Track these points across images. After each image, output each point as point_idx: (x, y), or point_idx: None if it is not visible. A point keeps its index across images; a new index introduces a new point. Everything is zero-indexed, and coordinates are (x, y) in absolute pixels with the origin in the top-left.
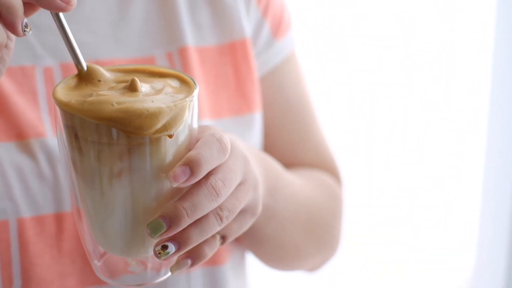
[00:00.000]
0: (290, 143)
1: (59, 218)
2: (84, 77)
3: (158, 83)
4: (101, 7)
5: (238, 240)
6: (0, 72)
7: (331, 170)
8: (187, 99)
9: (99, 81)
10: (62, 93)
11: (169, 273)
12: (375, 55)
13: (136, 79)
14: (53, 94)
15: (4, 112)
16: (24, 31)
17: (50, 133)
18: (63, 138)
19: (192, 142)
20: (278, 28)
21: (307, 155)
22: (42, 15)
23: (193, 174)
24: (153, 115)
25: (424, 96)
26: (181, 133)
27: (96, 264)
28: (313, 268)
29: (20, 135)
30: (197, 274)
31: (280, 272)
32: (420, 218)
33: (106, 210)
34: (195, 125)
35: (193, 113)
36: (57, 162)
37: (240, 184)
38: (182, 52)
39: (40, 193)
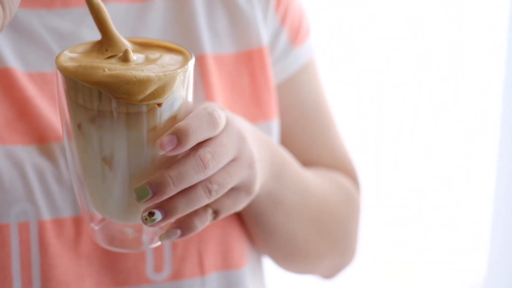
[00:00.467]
0: (307, 147)
1: (77, 221)
2: (94, 45)
3: (155, 54)
4: (121, 15)
5: (253, 243)
6: (11, 12)
7: (349, 174)
8: (178, 70)
9: (107, 50)
10: (65, 58)
11: (159, 242)
12: (384, 55)
13: (129, 49)
14: (56, 58)
15: (26, 116)
16: None
17: None
18: (64, 104)
19: (184, 115)
20: (296, 36)
21: (324, 159)
22: (64, 22)
23: (180, 143)
24: (141, 82)
25: (434, 95)
26: (173, 104)
27: (94, 227)
28: (328, 274)
29: (42, 139)
30: (212, 278)
31: (295, 275)
32: (430, 218)
33: (101, 176)
34: (190, 98)
35: (188, 86)
36: None
37: (233, 160)
38: (200, 60)
39: (60, 196)
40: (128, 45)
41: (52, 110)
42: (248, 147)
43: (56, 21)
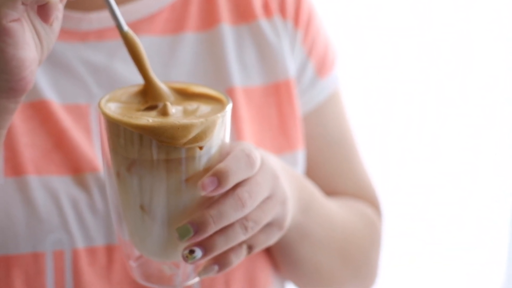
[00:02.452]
0: (330, 175)
1: (109, 250)
2: (134, 94)
3: (192, 105)
4: (153, 49)
5: (277, 269)
6: (48, 48)
7: (371, 202)
8: (219, 114)
9: (147, 102)
10: (107, 105)
11: (197, 278)
12: (392, 52)
13: (168, 104)
14: (99, 104)
15: (62, 147)
16: None
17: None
18: (106, 149)
19: (223, 156)
20: (322, 67)
21: (347, 187)
22: (99, 55)
23: (220, 184)
24: (184, 127)
25: (444, 91)
26: (212, 146)
27: (132, 265)
28: None
29: (76, 169)
30: None
31: None
32: (440, 215)
33: (140, 219)
34: (227, 139)
35: (226, 129)
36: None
37: (267, 198)
38: (230, 93)
39: (93, 225)
40: (167, 91)
41: (87, 142)
42: (281, 185)
43: (90, 54)
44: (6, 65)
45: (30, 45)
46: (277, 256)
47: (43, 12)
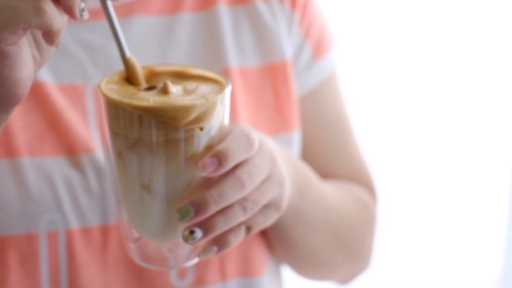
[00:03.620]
0: (327, 158)
1: (104, 230)
2: (128, 70)
3: (191, 85)
4: (149, 30)
5: (272, 251)
6: (48, 58)
7: (366, 185)
8: (219, 96)
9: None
10: (106, 87)
11: (197, 258)
12: (399, 53)
13: (168, 82)
14: (99, 86)
15: (57, 128)
16: (81, 15)
17: (99, 149)
18: (105, 130)
19: (222, 137)
20: (318, 49)
21: (343, 170)
22: (95, 35)
23: (221, 165)
24: (185, 108)
25: (450, 94)
26: (212, 127)
27: (131, 246)
28: (344, 280)
29: (71, 150)
30: (233, 285)
31: (312, 282)
32: (443, 216)
33: (140, 200)
34: (227, 121)
35: (225, 110)
36: (104, 176)
37: (265, 180)
38: (226, 73)
39: (88, 205)
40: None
41: (82, 123)
42: (278, 167)
43: (86, 34)
44: (0, 84)
45: (27, 63)
46: (272, 238)
47: (47, 37)
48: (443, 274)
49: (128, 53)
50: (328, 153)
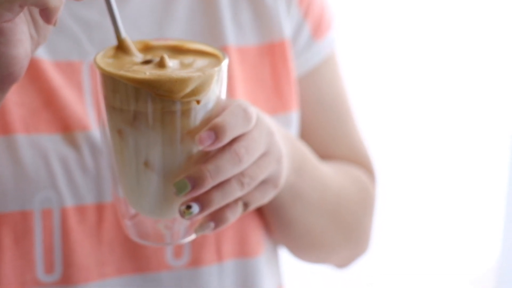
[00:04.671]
0: (325, 140)
1: (99, 208)
2: (122, 50)
3: (188, 59)
4: (146, 6)
5: (269, 231)
6: (45, 37)
7: (365, 167)
8: (216, 68)
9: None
10: (102, 61)
11: (193, 235)
12: (404, 52)
13: (165, 56)
14: (95, 59)
15: (52, 105)
16: None
17: (95, 127)
18: (103, 106)
19: (219, 111)
20: (317, 29)
21: (341, 152)
22: (92, 12)
23: (218, 138)
24: (182, 80)
25: (450, 93)
26: (209, 101)
27: (127, 223)
28: (342, 264)
29: (66, 128)
30: (229, 264)
31: (310, 265)
32: (443, 215)
33: (138, 172)
34: (223, 96)
35: (222, 84)
36: (100, 154)
37: (263, 155)
38: (224, 51)
39: (83, 183)
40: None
41: (78, 100)
42: (276, 143)
43: (83, 11)
44: None
45: (23, 41)
46: (269, 217)
47: (44, 14)
48: (441, 262)
49: (123, 33)
50: (327, 134)
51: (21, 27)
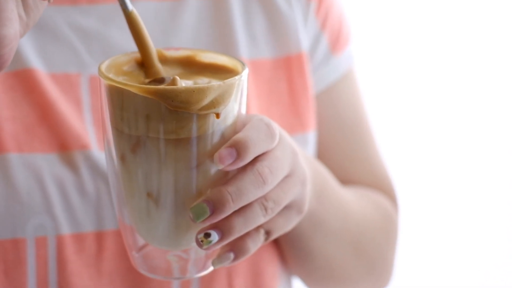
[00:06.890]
0: (344, 162)
1: (99, 237)
2: (137, 65)
3: (202, 79)
4: (152, 15)
5: (285, 263)
6: (35, 19)
7: (387, 192)
8: (236, 77)
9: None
10: (109, 72)
11: (211, 267)
12: (413, 54)
13: (177, 78)
14: (99, 70)
15: (48, 121)
16: None
17: (95, 145)
18: (106, 126)
19: (239, 127)
20: (336, 42)
21: (362, 176)
22: (90, 20)
23: (240, 156)
24: (200, 90)
25: (457, 95)
26: (229, 115)
27: (134, 255)
28: None
29: (63, 147)
30: None
31: None
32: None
33: (149, 196)
34: (243, 110)
35: (242, 97)
36: (101, 176)
37: (287, 176)
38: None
39: (81, 209)
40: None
41: (76, 115)
42: (300, 164)
43: (81, 19)
44: None
45: (12, 20)
46: (286, 247)
47: None
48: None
49: (130, 6)
50: (345, 156)
51: (10, 5)
